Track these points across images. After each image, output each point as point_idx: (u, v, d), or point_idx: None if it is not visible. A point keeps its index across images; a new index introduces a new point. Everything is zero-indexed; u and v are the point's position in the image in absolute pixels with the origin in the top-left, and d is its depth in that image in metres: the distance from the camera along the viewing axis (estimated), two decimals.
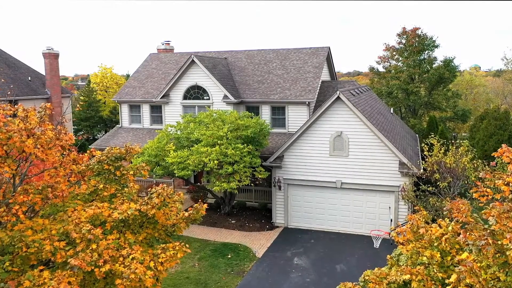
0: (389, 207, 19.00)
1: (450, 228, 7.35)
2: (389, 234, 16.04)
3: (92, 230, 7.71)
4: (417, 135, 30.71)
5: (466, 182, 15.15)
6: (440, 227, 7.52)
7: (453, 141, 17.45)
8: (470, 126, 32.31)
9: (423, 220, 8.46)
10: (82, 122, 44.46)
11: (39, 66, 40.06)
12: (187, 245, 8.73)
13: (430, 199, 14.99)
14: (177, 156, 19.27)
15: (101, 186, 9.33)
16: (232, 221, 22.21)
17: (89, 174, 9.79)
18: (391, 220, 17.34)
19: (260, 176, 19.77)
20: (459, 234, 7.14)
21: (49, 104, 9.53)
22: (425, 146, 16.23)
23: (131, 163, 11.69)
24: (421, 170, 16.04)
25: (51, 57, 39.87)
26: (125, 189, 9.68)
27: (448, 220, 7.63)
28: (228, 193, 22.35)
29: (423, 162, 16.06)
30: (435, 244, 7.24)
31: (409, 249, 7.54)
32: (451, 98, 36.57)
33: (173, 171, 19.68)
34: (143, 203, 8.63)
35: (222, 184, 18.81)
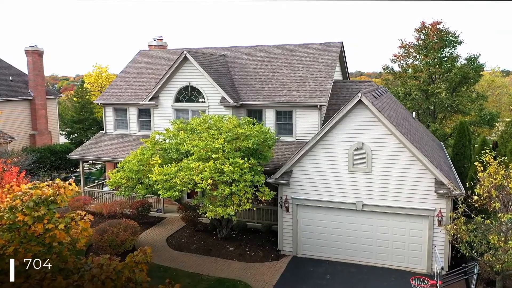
0: (434, 246, 15.18)
1: None
2: (437, 286, 12.36)
3: None
4: (441, 142, 27.11)
5: None
6: None
7: None
8: (501, 132, 28.54)
9: None
10: (75, 124, 41.52)
11: (25, 66, 36.43)
12: None
13: (491, 237, 11.34)
14: (163, 172, 15.70)
15: (11, 249, 5.77)
16: (231, 248, 18.61)
17: None
18: (442, 268, 13.39)
19: (264, 198, 16.20)
20: None
21: None
22: (479, 165, 12.60)
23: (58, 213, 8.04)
24: (475, 196, 12.39)
25: (35, 55, 36.33)
26: (53, 251, 6.09)
27: None
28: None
29: (478, 186, 12.45)
30: None
31: None
32: (476, 100, 32.86)
33: (157, 191, 16.12)
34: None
35: (217, 209, 15.19)
